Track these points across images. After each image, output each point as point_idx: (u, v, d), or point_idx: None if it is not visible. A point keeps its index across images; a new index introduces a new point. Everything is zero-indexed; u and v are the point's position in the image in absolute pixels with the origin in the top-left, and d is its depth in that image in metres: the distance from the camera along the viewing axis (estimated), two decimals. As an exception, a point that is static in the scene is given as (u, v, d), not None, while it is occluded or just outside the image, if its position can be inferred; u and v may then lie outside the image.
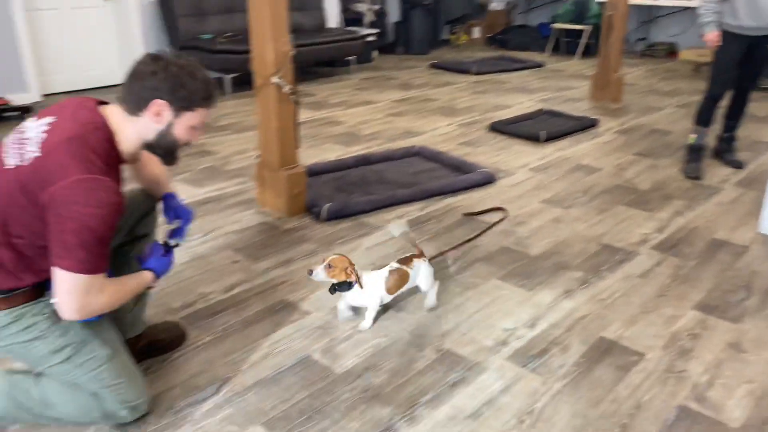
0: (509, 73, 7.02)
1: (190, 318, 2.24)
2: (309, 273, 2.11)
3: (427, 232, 2.94)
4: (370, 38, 7.25)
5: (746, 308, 2.34)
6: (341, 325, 2.20)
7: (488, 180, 3.56)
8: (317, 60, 6.48)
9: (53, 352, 1.56)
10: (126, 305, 1.79)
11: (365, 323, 2.20)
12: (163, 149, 1.63)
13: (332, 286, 2.16)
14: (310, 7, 6.82)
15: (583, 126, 4.69)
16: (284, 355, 2.05)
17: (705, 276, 2.57)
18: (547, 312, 2.31)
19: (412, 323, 2.23)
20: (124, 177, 1.62)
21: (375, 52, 7.77)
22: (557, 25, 8.10)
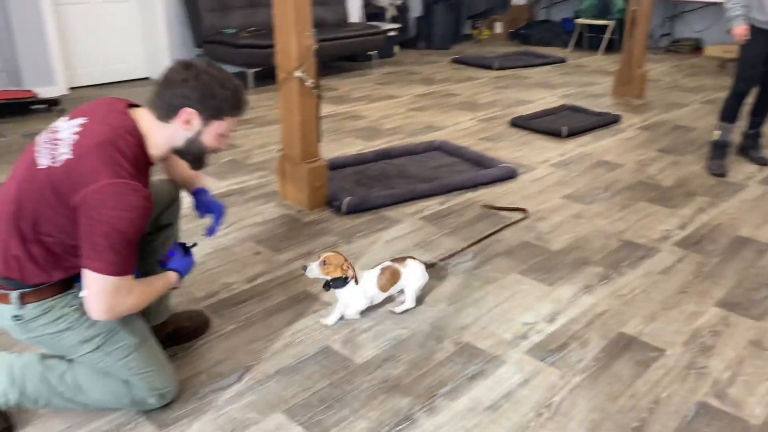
0: (531, 68, 6.98)
1: (213, 307, 2.28)
2: (303, 269, 2.08)
3: (447, 227, 2.95)
4: (391, 33, 7.26)
5: (769, 306, 2.32)
6: (362, 315, 2.23)
7: (509, 175, 3.56)
8: (339, 55, 6.51)
9: (83, 342, 1.60)
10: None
11: (331, 318, 2.17)
12: (192, 155, 1.67)
13: (326, 282, 2.13)
14: (333, 2, 6.84)
15: (605, 122, 4.66)
16: (305, 344, 2.08)
17: (728, 273, 2.55)
18: (566, 307, 2.31)
19: (431, 316, 2.25)
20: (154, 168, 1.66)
21: (396, 47, 7.77)
22: (580, 21, 8.04)
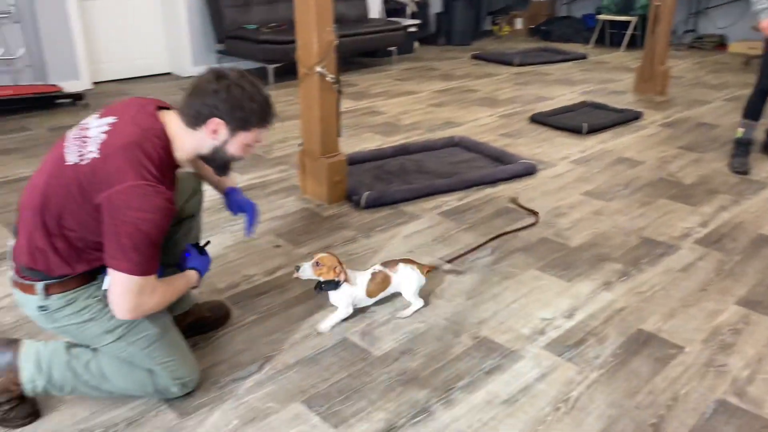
0: (552, 64, 6.94)
1: (234, 298, 2.31)
2: (296, 269, 2.06)
3: (465, 222, 2.96)
4: (411, 29, 7.25)
5: (791, 305, 2.30)
6: (380, 310, 2.25)
7: (529, 171, 3.55)
8: (359, 50, 6.52)
9: (106, 332, 1.64)
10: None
11: (325, 324, 2.12)
12: (216, 162, 1.70)
13: (318, 284, 2.11)
14: (353, -2, 6.86)
15: (626, 119, 4.62)
16: (324, 336, 2.10)
17: (749, 271, 2.53)
18: (585, 303, 2.31)
19: (448, 310, 2.26)
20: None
21: (416, 43, 7.77)
22: (602, 16, 7.96)
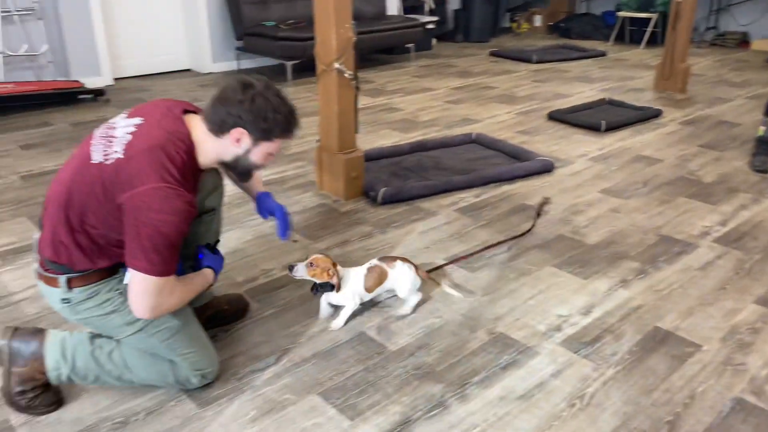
0: (571, 62, 6.90)
1: (252, 291, 2.34)
2: (289, 269, 2.04)
3: (482, 219, 2.96)
4: (429, 26, 7.25)
5: (812, 305, 2.27)
6: (395, 304, 2.26)
7: (546, 168, 3.55)
8: (377, 47, 6.53)
9: (127, 323, 1.67)
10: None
11: (338, 322, 2.13)
12: (238, 169, 1.72)
13: (314, 285, 2.09)
14: (371, -5, 6.87)
15: (645, 116, 4.58)
16: (340, 330, 2.12)
17: (769, 271, 2.51)
18: (601, 300, 2.30)
19: (464, 306, 2.27)
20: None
21: (434, 40, 7.76)
22: (622, 13, 7.89)
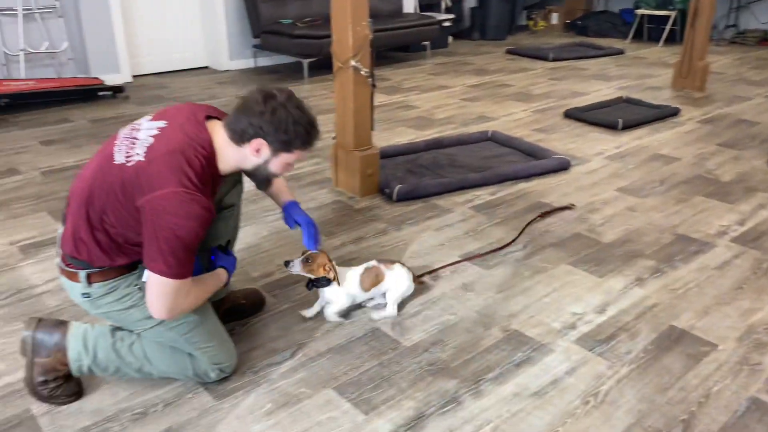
0: (588, 60, 6.86)
1: (268, 287, 2.36)
2: (285, 264, 2.04)
3: (497, 217, 2.96)
4: (446, 24, 7.24)
5: (830, 305, 2.25)
6: (410, 301, 2.27)
7: (563, 166, 3.54)
8: (393, 45, 6.54)
9: (147, 317, 1.69)
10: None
11: (309, 312, 2.15)
12: (257, 178, 1.75)
13: (309, 281, 2.09)
14: (388, -7, 6.88)
15: (663, 115, 4.55)
16: (355, 326, 2.14)
17: (787, 270, 2.49)
18: (617, 298, 2.30)
19: (479, 303, 2.27)
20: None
21: (450, 38, 7.75)
22: (641, 11, 7.83)
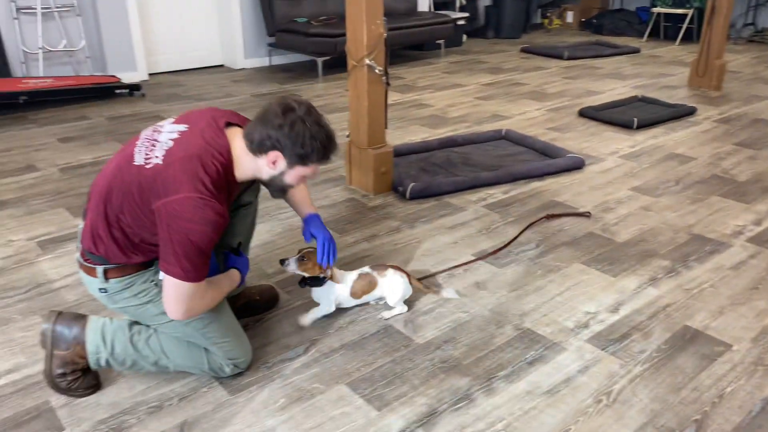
0: (603, 58, 6.82)
1: (282, 283, 2.38)
2: (281, 263, 2.04)
3: (510, 215, 2.96)
4: (460, 22, 7.23)
5: None
6: (423, 298, 2.28)
7: (576, 165, 3.53)
8: (408, 43, 6.54)
9: (163, 313, 1.71)
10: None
11: (305, 318, 2.11)
12: (273, 188, 1.76)
13: (302, 279, 2.08)
14: (402, -9, 6.88)
15: (679, 114, 4.52)
16: (368, 322, 2.15)
17: (804, 271, 2.46)
18: (630, 298, 2.29)
19: (492, 301, 2.28)
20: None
21: (464, 36, 7.73)
22: (657, 9, 7.77)
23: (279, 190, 1.77)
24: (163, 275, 1.59)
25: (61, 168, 3.60)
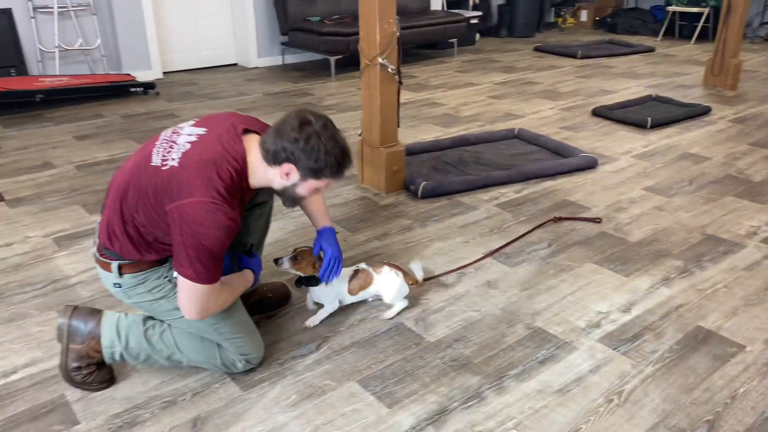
0: (617, 57, 6.78)
1: (293, 281, 2.39)
2: (275, 262, 2.04)
3: (522, 214, 2.96)
4: (473, 21, 7.22)
5: None
6: (434, 297, 2.29)
7: (589, 165, 3.51)
8: (421, 42, 6.54)
9: (176, 308, 1.73)
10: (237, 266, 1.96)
11: (313, 320, 2.12)
12: (285, 198, 1.77)
13: (299, 279, 2.08)
14: (415, -10, 6.88)
15: (693, 113, 4.49)
16: (379, 320, 2.16)
17: (819, 272, 2.44)
18: (642, 298, 2.28)
19: (503, 300, 2.28)
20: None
21: (477, 35, 7.72)
22: (672, 8, 7.71)
23: (290, 200, 1.77)
24: (178, 278, 1.61)
25: (77, 165, 3.64)
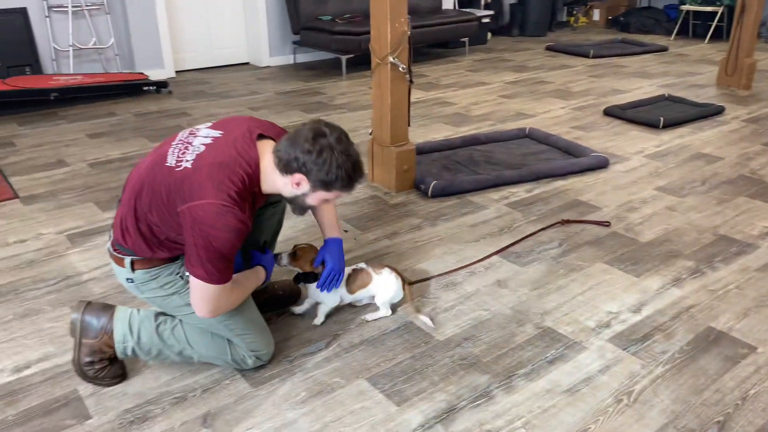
0: (629, 57, 6.74)
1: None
2: (274, 258, 2.02)
3: (532, 214, 2.95)
4: (485, 20, 7.21)
5: None
6: (443, 296, 2.29)
7: (601, 164, 3.50)
8: (432, 41, 6.54)
9: (188, 304, 1.75)
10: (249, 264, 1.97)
11: (317, 319, 2.12)
12: (295, 205, 1.78)
13: (297, 275, 2.09)
14: (427, -11, 6.88)
15: (707, 113, 4.45)
16: (389, 319, 2.16)
17: (833, 274, 2.42)
18: (653, 298, 2.27)
19: (513, 300, 2.28)
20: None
21: (489, 34, 7.70)
22: (686, 7, 7.66)
23: (300, 208, 1.79)
24: (190, 277, 1.62)
25: (90, 163, 3.67)
